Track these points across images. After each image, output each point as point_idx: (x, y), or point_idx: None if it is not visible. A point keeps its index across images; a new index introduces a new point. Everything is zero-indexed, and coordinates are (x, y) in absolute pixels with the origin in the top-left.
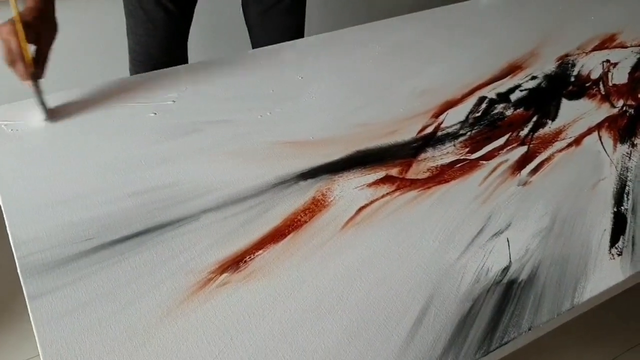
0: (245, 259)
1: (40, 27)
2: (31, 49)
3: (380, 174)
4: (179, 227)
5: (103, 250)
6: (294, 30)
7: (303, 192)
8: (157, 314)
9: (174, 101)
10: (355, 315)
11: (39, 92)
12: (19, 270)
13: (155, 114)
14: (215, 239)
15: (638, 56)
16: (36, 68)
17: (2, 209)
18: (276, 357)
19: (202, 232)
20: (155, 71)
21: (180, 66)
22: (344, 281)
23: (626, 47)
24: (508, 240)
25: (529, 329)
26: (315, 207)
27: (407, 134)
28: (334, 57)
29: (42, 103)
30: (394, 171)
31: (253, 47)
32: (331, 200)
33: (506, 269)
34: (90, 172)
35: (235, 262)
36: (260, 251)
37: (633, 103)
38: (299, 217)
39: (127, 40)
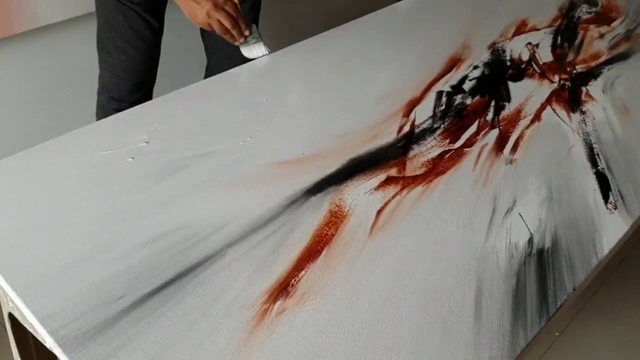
0: (291, 283)
1: None
2: None
3: (381, 176)
4: (210, 267)
5: (141, 306)
6: None
7: (317, 207)
8: (228, 356)
9: (147, 142)
10: (419, 313)
11: (258, 34)
12: (57, 347)
13: (133, 158)
14: (252, 270)
15: (551, 36)
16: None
17: (5, 287)
18: None
19: (235, 266)
20: (114, 115)
21: (138, 106)
22: (395, 283)
23: (538, 29)
24: (521, 215)
25: (574, 289)
26: (335, 219)
27: (388, 135)
28: (287, 76)
29: (262, 40)
30: (392, 172)
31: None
32: (348, 210)
33: (530, 241)
34: (91, 228)
35: (283, 288)
36: (302, 272)
37: (566, 76)
38: (325, 232)
39: (99, 70)
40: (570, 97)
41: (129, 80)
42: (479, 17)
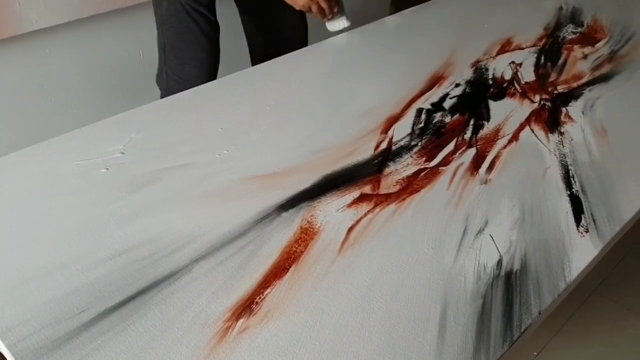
0: (255, 301)
1: None
2: None
3: (355, 193)
4: (175, 282)
5: (103, 320)
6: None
7: (288, 224)
8: None
9: (122, 153)
10: (383, 333)
11: (342, 8)
12: None
13: (107, 169)
14: (217, 286)
15: (535, 55)
16: None
17: None
18: None
19: (201, 282)
20: (92, 124)
21: (117, 115)
22: (360, 302)
23: (523, 48)
24: (491, 236)
25: (539, 313)
26: (306, 236)
27: (365, 152)
28: (268, 90)
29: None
30: (366, 189)
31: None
32: (319, 227)
33: (499, 263)
34: (56, 240)
35: (247, 306)
36: (268, 290)
37: (547, 96)
38: (294, 249)
39: (173, 84)
40: (550, 118)
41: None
42: (464, 34)
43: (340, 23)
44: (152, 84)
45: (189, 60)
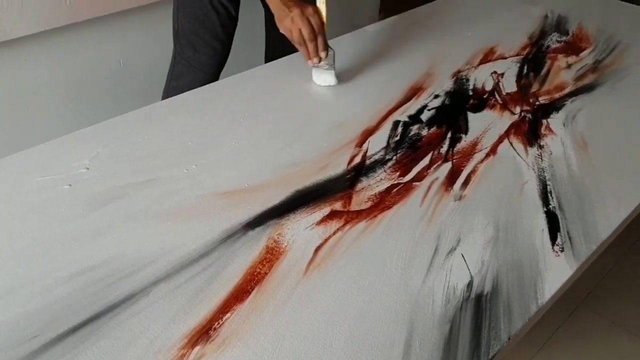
0: (214, 327)
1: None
2: None
3: (325, 210)
4: (131, 306)
5: (54, 347)
6: None
7: (254, 243)
8: None
9: (87, 168)
10: None
11: (333, 62)
12: None
13: (70, 185)
14: (175, 310)
15: (518, 65)
16: None
17: None
18: None
19: (158, 306)
20: (58, 139)
21: (84, 129)
22: (322, 328)
23: (506, 58)
24: (463, 256)
25: (509, 339)
26: (271, 256)
27: (338, 166)
28: (242, 102)
29: (334, 69)
30: (337, 205)
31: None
32: (285, 246)
33: (470, 284)
34: (12, 260)
35: (205, 332)
36: (228, 314)
37: (528, 108)
38: (258, 270)
39: (180, 68)
40: (530, 130)
41: (213, 75)
42: (446, 43)
43: (327, 78)
44: (133, 94)
45: (202, 47)
